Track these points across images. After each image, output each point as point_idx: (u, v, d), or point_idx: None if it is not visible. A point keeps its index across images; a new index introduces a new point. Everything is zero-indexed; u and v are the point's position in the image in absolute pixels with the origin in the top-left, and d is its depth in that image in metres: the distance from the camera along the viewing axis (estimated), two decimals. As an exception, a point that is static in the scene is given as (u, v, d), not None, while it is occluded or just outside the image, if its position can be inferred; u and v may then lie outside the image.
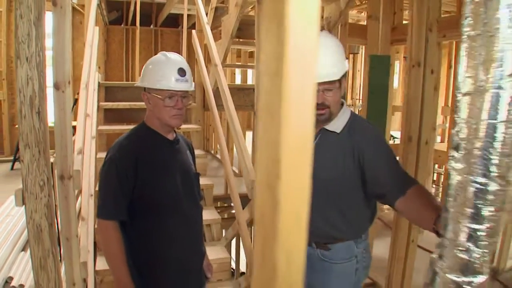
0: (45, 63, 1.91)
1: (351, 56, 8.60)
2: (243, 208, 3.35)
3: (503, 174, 0.80)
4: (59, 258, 2.16)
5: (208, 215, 3.73)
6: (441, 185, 6.15)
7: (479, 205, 0.81)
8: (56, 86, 2.14)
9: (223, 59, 4.11)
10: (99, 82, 4.36)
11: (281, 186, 0.46)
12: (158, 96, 1.93)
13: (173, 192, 1.98)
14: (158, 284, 1.98)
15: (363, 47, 7.35)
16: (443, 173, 5.95)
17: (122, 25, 10.00)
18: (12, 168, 8.02)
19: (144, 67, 2.06)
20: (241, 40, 3.91)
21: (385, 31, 3.46)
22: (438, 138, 8.20)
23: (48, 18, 2.01)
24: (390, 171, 1.81)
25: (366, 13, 5.75)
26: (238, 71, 9.86)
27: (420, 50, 2.85)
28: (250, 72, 8.89)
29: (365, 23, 5.56)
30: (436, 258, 0.92)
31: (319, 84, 1.76)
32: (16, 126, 8.20)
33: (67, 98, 2.16)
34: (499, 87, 0.77)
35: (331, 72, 1.77)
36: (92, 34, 4.08)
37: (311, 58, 0.43)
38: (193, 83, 2.07)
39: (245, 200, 3.38)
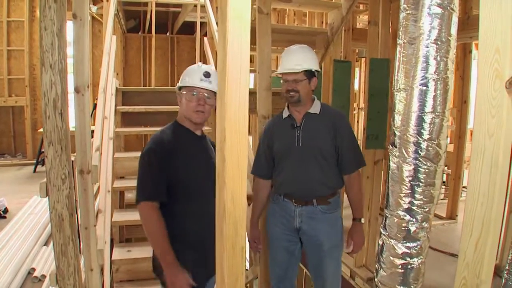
0: (67, 70, 2.12)
1: (361, 60, 8.72)
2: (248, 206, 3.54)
3: (430, 156, 0.98)
4: (79, 247, 2.38)
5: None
6: (449, 186, 6.24)
7: (413, 183, 1.00)
8: (77, 90, 2.38)
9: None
10: (116, 88, 4.60)
11: (226, 146, 0.67)
12: (184, 92, 2.23)
13: (199, 179, 2.23)
14: (182, 256, 2.14)
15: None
16: (451, 174, 6.03)
17: (140, 33, 10.32)
18: (34, 171, 8.31)
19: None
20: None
21: (385, 36, 3.61)
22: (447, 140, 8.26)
23: (69, 26, 2.24)
24: (349, 149, 2.56)
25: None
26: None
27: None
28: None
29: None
30: (381, 228, 1.11)
31: (290, 75, 2.49)
32: (38, 130, 8.43)
33: (86, 100, 2.40)
34: (425, 85, 0.96)
35: (295, 68, 2.46)
36: (110, 42, 4.34)
37: (244, 56, 0.64)
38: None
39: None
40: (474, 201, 0.94)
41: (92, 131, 2.91)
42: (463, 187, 6.01)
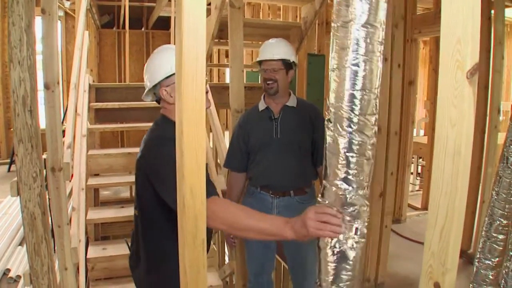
0: (36, 66, 2.09)
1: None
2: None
3: (362, 129, 1.05)
4: (53, 246, 2.35)
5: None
6: (424, 177, 6.34)
7: (348, 154, 1.07)
8: (47, 86, 2.34)
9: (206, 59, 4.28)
10: (89, 84, 4.53)
11: (184, 140, 0.67)
12: None
13: None
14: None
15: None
16: (425, 165, 6.13)
17: (114, 29, 10.17)
18: (9, 170, 8.15)
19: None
20: (221, 40, 4.10)
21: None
22: (422, 132, 8.43)
23: (38, 23, 2.19)
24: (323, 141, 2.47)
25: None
26: (228, 71, 10.12)
27: (386, 46, 3.05)
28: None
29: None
30: (320, 198, 1.16)
31: (268, 65, 2.53)
32: (12, 129, 8.31)
33: (56, 97, 2.36)
34: (356, 65, 1.03)
35: (273, 56, 2.52)
36: (82, 38, 4.27)
37: (200, 48, 0.64)
38: None
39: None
40: (438, 191, 0.96)
41: (64, 131, 2.86)
42: (438, 178, 6.12)
